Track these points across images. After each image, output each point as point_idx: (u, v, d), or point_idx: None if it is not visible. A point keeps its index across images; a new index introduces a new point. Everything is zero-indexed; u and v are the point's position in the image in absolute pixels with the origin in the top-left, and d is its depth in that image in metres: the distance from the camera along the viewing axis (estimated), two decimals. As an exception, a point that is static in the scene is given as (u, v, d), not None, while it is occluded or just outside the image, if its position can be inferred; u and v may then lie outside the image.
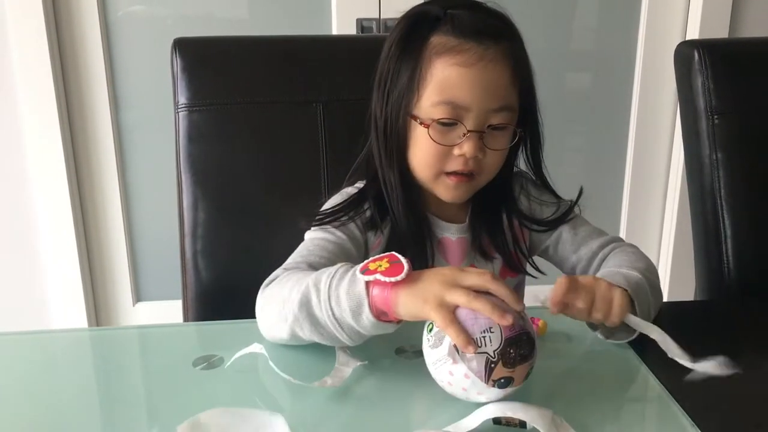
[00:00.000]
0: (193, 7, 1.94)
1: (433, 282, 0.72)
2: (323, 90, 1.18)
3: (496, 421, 0.69)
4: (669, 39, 2.04)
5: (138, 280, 2.14)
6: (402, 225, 0.97)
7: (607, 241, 1.02)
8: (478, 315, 0.70)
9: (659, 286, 0.95)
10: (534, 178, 1.04)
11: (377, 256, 0.76)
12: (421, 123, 0.91)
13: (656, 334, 0.81)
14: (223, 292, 1.17)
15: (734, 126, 1.21)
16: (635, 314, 0.83)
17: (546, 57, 2.06)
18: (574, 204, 1.04)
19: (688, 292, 1.38)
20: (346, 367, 0.80)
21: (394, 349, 0.85)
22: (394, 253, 0.75)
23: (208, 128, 1.18)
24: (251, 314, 0.87)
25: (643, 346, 0.86)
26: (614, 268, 0.93)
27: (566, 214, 1.03)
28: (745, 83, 1.23)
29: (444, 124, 0.91)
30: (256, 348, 0.82)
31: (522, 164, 1.04)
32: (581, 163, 2.24)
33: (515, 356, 0.69)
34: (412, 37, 0.92)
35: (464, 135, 0.90)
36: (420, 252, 0.98)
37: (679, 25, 2.06)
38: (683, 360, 0.79)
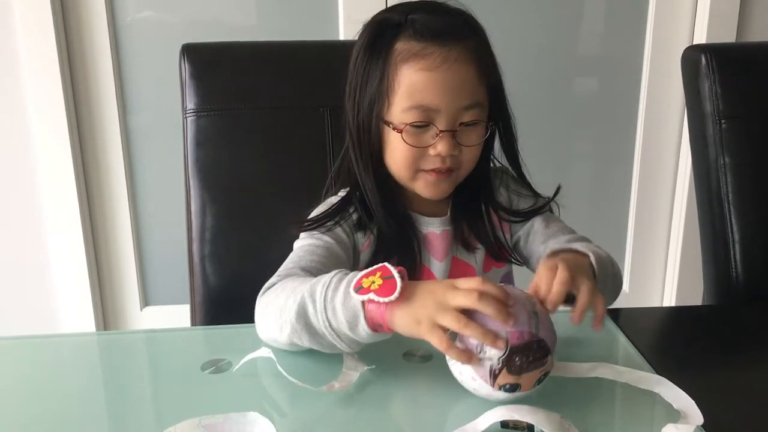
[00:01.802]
0: (202, 12, 1.95)
1: (425, 303, 0.72)
2: (330, 95, 1.18)
3: (504, 424, 0.69)
4: (676, 43, 2.04)
5: (146, 285, 2.15)
6: (385, 226, 0.99)
7: (576, 238, 1.02)
8: (486, 319, 0.70)
9: (617, 282, 0.97)
10: (513, 173, 1.05)
11: (369, 270, 0.76)
12: (394, 128, 0.93)
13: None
14: (230, 296, 1.17)
15: (741, 130, 1.21)
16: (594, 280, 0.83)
17: (553, 62, 2.06)
18: (551, 199, 1.05)
19: (696, 297, 1.38)
20: (354, 371, 0.80)
21: (402, 353, 0.85)
22: (386, 265, 0.75)
23: (216, 133, 1.18)
24: (259, 318, 0.87)
25: (655, 353, 0.86)
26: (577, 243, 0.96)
27: (542, 206, 1.04)
28: (752, 87, 1.23)
29: (416, 127, 0.92)
30: (264, 352, 0.82)
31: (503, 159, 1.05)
32: (589, 168, 2.23)
33: (521, 364, 0.69)
34: (376, 45, 0.94)
35: (437, 135, 0.92)
36: (407, 249, 0.99)
37: (686, 30, 2.05)
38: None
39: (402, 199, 1.02)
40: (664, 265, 2.26)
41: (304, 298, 0.78)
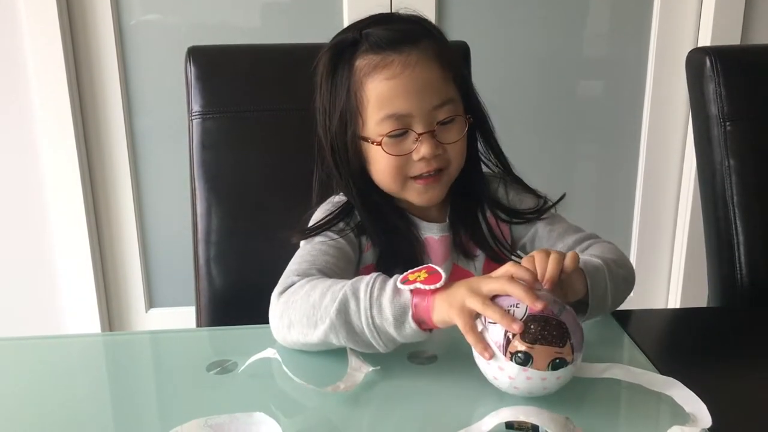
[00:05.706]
0: (207, 15, 1.96)
1: (459, 288, 0.75)
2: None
3: (509, 425, 0.69)
4: (681, 45, 2.03)
5: (151, 287, 2.15)
6: (380, 235, 0.99)
7: (584, 237, 1.02)
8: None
9: (628, 278, 0.95)
10: (510, 177, 1.06)
11: (416, 269, 0.79)
12: (373, 142, 0.94)
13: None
14: (236, 298, 1.18)
15: (746, 132, 1.21)
16: (587, 291, 0.85)
17: (558, 64, 2.06)
18: (553, 205, 1.05)
19: (700, 299, 1.38)
20: (359, 372, 0.81)
21: (407, 354, 0.86)
22: (432, 265, 0.79)
23: (222, 135, 1.19)
24: (264, 319, 0.88)
25: (660, 355, 0.86)
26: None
27: (543, 210, 1.04)
28: (757, 90, 1.23)
29: (394, 136, 0.94)
30: (269, 353, 0.83)
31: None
32: (593, 170, 2.23)
33: (535, 333, 0.71)
34: (338, 67, 0.96)
35: (417, 139, 0.93)
36: (408, 253, 0.99)
37: (691, 32, 2.05)
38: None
39: (398, 206, 1.02)
40: (669, 267, 2.25)
41: (346, 296, 0.79)
